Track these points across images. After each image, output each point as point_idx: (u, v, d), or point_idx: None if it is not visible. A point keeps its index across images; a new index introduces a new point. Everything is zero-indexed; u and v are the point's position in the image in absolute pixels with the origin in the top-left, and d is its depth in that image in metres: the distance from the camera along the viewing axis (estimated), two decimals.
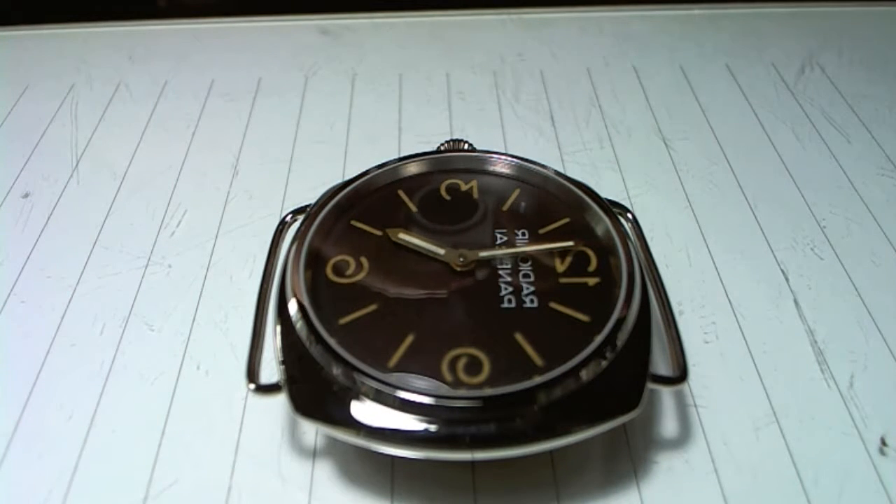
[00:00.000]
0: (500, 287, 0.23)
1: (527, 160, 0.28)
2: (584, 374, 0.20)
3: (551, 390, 0.20)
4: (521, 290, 0.23)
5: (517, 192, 0.27)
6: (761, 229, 0.30)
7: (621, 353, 0.21)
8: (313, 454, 0.23)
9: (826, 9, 0.46)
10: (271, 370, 0.23)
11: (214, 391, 0.24)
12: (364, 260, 0.24)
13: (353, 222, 0.26)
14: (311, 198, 0.27)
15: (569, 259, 0.24)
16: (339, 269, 0.24)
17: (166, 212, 0.31)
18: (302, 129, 0.36)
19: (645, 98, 0.38)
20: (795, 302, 0.27)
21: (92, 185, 0.33)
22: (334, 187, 0.27)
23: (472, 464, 0.22)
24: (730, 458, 0.22)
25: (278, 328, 0.22)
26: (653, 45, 0.43)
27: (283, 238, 0.26)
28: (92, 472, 0.22)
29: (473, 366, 0.21)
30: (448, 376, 0.21)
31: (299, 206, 0.27)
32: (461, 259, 0.24)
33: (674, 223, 0.31)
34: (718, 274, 0.28)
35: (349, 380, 0.20)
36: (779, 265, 0.29)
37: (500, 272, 0.24)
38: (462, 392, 0.20)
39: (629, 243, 0.24)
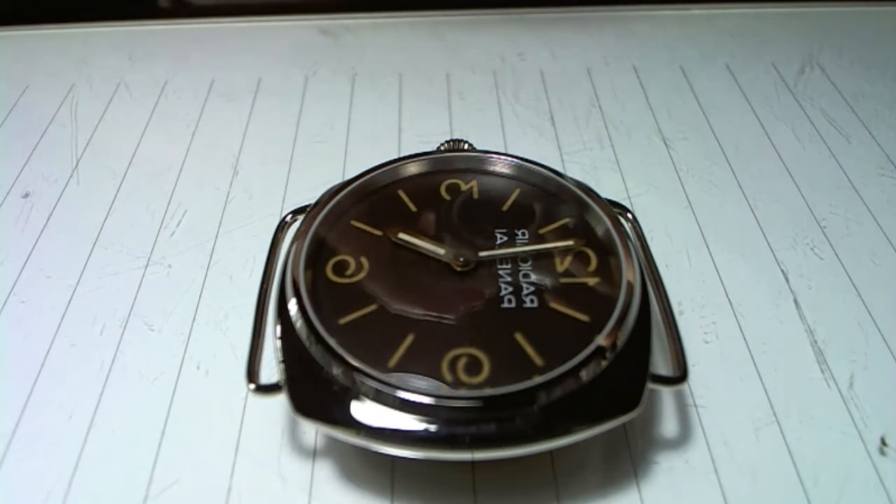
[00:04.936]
0: (500, 287, 0.23)
1: (527, 160, 0.28)
2: (584, 374, 0.20)
3: (551, 390, 0.20)
4: (521, 290, 0.23)
5: (517, 192, 0.27)
6: (761, 229, 0.30)
7: (621, 353, 0.21)
8: (313, 454, 0.23)
9: (826, 9, 0.46)
10: (271, 370, 0.23)
11: (214, 391, 0.24)
12: (364, 260, 0.24)
13: (353, 222, 0.26)
14: (311, 198, 0.27)
15: (569, 259, 0.24)
16: (339, 269, 0.24)
17: (166, 212, 0.31)
18: (302, 129, 0.36)
19: (645, 98, 0.38)
20: (795, 302, 0.27)
21: (92, 185, 0.33)
22: (334, 187, 0.27)
23: (472, 464, 0.22)
24: (730, 458, 0.22)
25: (278, 328, 0.22)
26: (653, 45, 0.43)
27: (283, 238, 0.26)
28: (92, 472, 0.22)
29: (473, 366, 0.21)
30: (448, 376, 0.21)
31: (299, 206, 0.27)
32: (461, 259, 0.24)
33: (674, 223, 0.31)
34: (718, 274, 0.28)
35: (349, 380, 0.20)
36: (779, 265, 0.29)
37: (501, 272, 0.24)
38: (462, 392, 0.20)
39: (629, 243, 0.24)
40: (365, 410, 0.20)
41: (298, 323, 0.22)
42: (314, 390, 0.21)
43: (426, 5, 0.46)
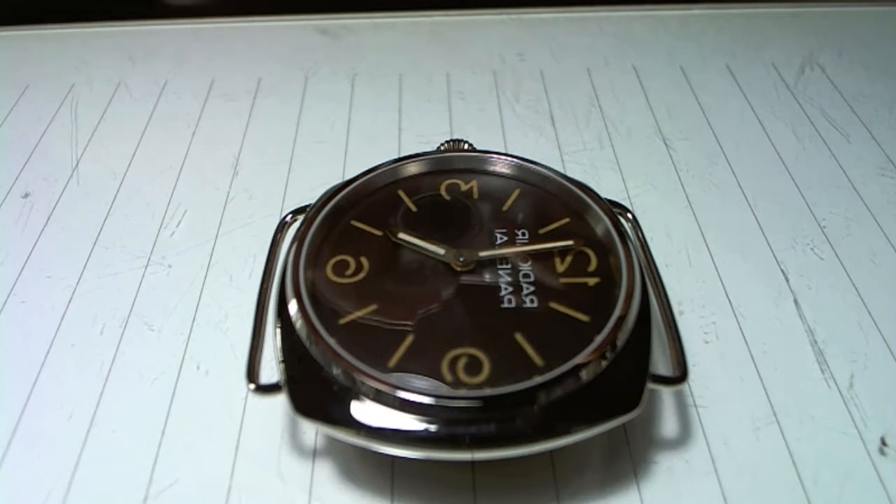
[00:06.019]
0: (500, 287, 0.23)
1: (527, 160, 0.28)
2: (584, 374, 0.20)
3: (551, 390, 0.20)
4: (521, 289, 0.23)
5: (517, 192, 0.27)
6: (761, 229, 0.30)
7: (621, 353, 0.21)
8: (313, 454, 0.23)
9: (826, 9, 0.46)
10: (271, 370, 0.23)
11: (214, 391, 0.24)
12: (364, 260, 0.24)
13: (353, 222, 0.26)
14: (311, 198, 0.27)
15: (569, 259, 0.24)
16: (339, 269, 0.24)
17: (166, 212, 0.31)
18: (302, 129, 0.36)
19: (645, 98, 0.38)
20: (795, 302, 0.27)
21: (92, 185, 0.33)
22: (334, 187, 0.27)
23: (472, 464, 0.22)
24: (730, 458, 0.22)
25: (278, 328, 0.22)
26: (653, 45, 0.43)
27: (283, 238, 0.26)
28: (92, 472, 0.22)
29: (473, 366, 0.21)
30: (448, 376, 0.21)
31: (299, 206, 0.27)
32: (461, 259, 0.24)
33: (674, 223, 0.31)
34: (718, 274, 0.28)
35: (349, 380, 0.20)
36: (779, 265, 0.29)
37: (500, 272, 0.24)
38: (462, 392, 0.20)
39: (629, 243, 0.24)
40: (365, 410, 0.20)
41: (298, 323, 0.22)
42: (314, 390, 0.21)
43: (426, 5, 0.46)
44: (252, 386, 0.21)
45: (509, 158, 0.28)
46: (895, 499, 0.21)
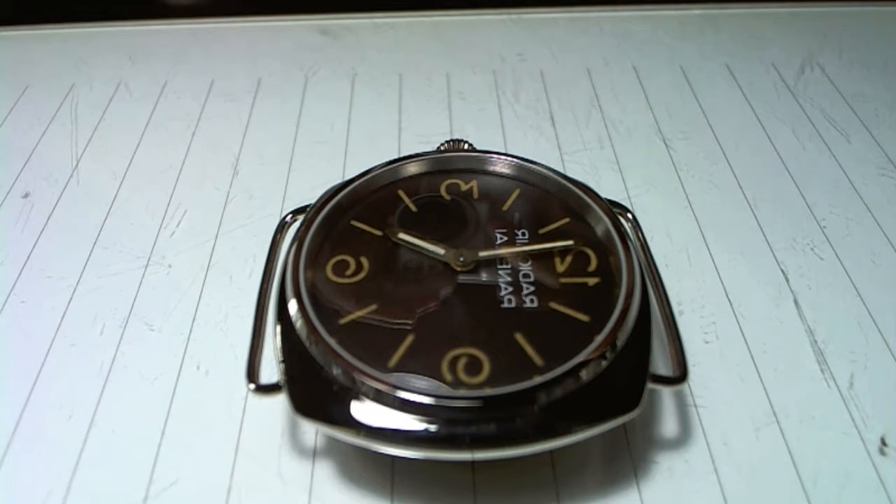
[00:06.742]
0: (500, 287, 0.23)
1: (527, 160, 0.28)
2: (584, 374, 0.20)
3: (551, 390, 0.20)
4: (521, 289, 0.23)
5: (517, 192, 0.27)
6: (761, 229, 0.30)
7: (621, 353, 0.21)
8: (313, 454, 0.23)
9: (826, 9, 0.46)
10: (271, 370, 0.23)
11: (214, 391, 0.24)
12: (364, 260, 0.24)
13: (353, 222, 0.26)
14: (311, 198, 0.27)
15: (569, 259, 0.24)
16: (339, 269, 0.24)
17: (166, 212, 0.31)
18: (302, 129, 0.36)
19: (645, 98, 0.38)
20: (795, 302, 0.27)
21: (92, 185, 0.33)
22: (334, 187, 0.27)
23: (472, 464, 0.22)
24: (730, 458, 0.22)
25: (278, 328, 0.22)
26: (653, 45, 0.43)
27: (283, 238, 0.26)
28: (92, 472, 0.22)
29: (473, 366, 0.21)
30: (448, 376, 0.21)
31: (299, 206, 0.27)
32: (461, 259, 0.24)
33: (674, 223, 0.31)
34: (718, 274, 0.28)
35: (349, 380, 0.20)
36: (779, 265, 0.29)
37: (501, 272, 0.24)
38: (462, 392, 0.20)
39: (629, 243, 0.24)
40: (365, 410, 0.20)
41: (298, 323, 0.22)
42: (314, 390, 0.21)
43: (426, 5, 0.46)
44: (252, 386, 0.21)
45: (509, 158, 0.28)
46: (895, 499, 0.21)
